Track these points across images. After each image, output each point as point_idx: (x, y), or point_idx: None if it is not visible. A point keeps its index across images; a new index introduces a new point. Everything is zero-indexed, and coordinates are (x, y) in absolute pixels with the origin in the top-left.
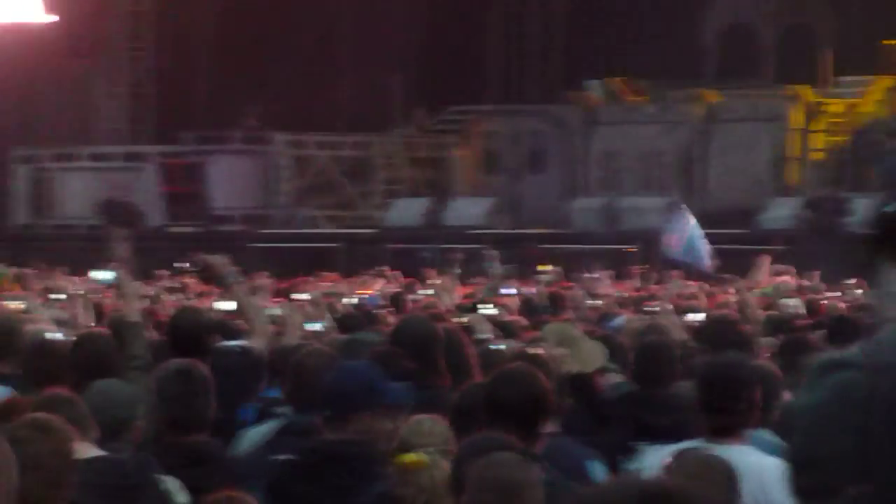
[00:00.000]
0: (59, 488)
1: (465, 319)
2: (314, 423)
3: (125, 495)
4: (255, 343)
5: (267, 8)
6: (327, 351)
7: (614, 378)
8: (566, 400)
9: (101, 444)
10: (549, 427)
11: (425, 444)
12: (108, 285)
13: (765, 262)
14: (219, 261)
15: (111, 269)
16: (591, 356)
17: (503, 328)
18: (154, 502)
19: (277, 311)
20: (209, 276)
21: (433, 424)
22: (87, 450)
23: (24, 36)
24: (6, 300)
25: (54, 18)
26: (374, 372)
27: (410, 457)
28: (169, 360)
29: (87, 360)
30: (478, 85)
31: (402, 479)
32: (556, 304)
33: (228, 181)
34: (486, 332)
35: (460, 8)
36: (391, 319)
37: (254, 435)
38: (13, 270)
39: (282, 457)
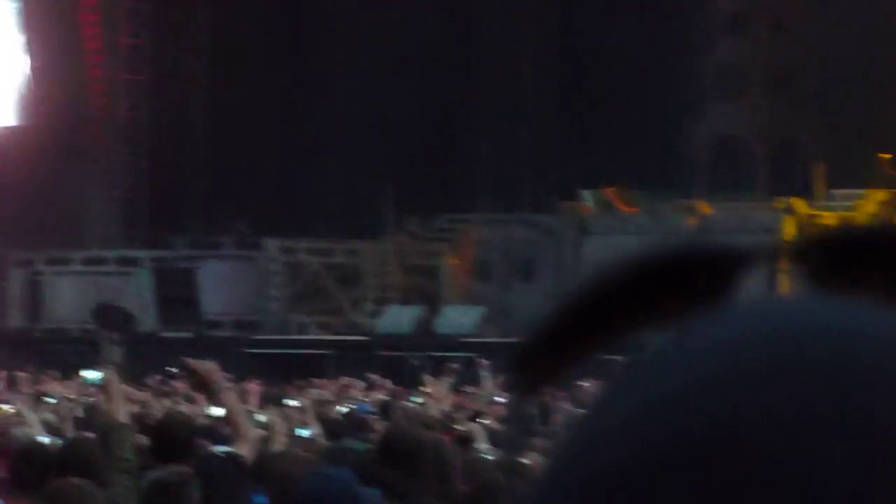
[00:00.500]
0: None
1: (462, 428)
2: None
3: None
4: (242, 449)
5: (259, 116)
6: (311, 458)
7: None
8: None
9: None
10: None
11: None
12: (97, 385)
13: None
14: (208, 366)
15: (100, 370)
16: None
17: (494, 437)
18: None
19: (264, 418)
20: (198, 382)
21: None
22: None
23: (20, 138)
24: None
25: (32, 121)
26: (349, 479)
27: None
28: (157, 469)
29: (75, 464)
30: (470, 193)
31: None
32: (544, 414)
33: (221, 286)
34: (483, 443)
35: (452, 117)
36: (379, 427)
37: None
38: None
39: None
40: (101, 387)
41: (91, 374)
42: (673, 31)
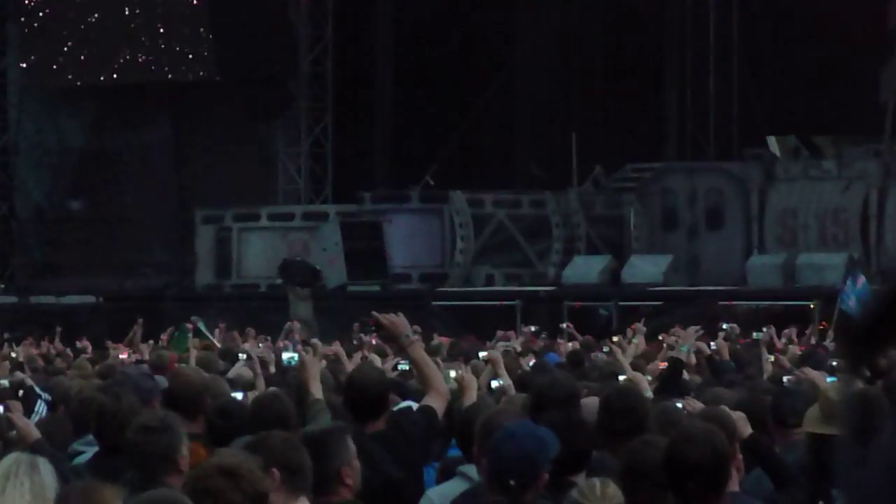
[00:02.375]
0: None
1: (622, 378)
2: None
3: None
4: (434, 402)
5: (444, 67)
6: (504, 410)
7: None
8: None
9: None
10: (732, 487)
11: None
12: (293, 365)
13: None
14: (396, 320)
15: (295, 352)
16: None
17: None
18: None
19: (454, 373)
20: (387, 336)
21: (604, 486)
22: None
23: (204, 95)
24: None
25: (232, 78)
26: (551, 437)
27: None
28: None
29: (268, 420)
30: (655, 142)
31: None
32: (738, 362)
33: (408, 240)
34: (647, 391)
35: (637, 66)
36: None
37: (437, 496)
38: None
39: None
40: (298, 368)
41: (287, 355)
42: None
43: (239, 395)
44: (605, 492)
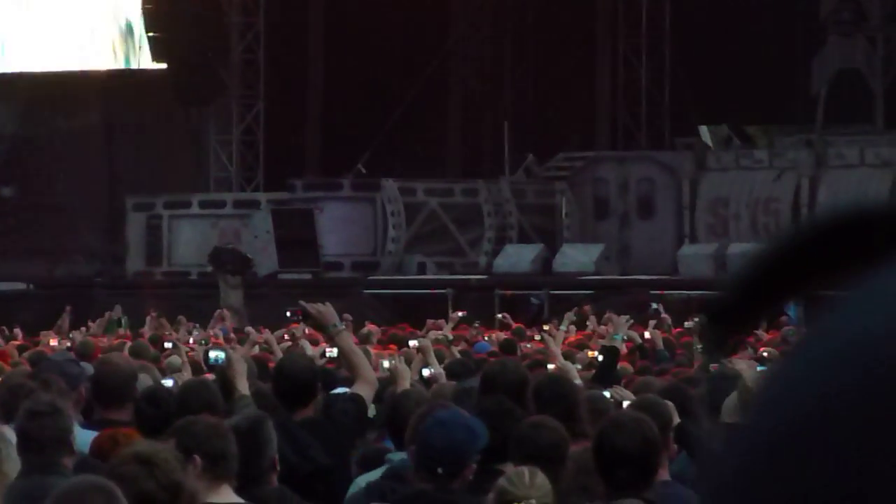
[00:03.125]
0: None
1: (552, 367)
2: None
3: None
4: (362, 391)
5: (377, 55)
6: (434, 399)
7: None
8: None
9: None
10: (662, 475)
11: (526, 496)
12: (219, 364)
13: None
14: (323, 309)
15: (221, 350)
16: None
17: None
18: None
19: (387, 362)
20: (315, 324)
21: (533, 475)
22: (223, 495)
23: (135, 82)
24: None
25: (163, 66)
26: (481, 427)
27: None
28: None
29: (194, 407)
30: (587, 131)
31: None
32: (671, 351)
33: (339, 227)
34: (576, 379)
35: (569, 55)
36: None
37: (365, 483)
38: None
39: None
40: (225, 366)
41: (214, 354)
42: None
43: (169, 382)
44: (534, 481)
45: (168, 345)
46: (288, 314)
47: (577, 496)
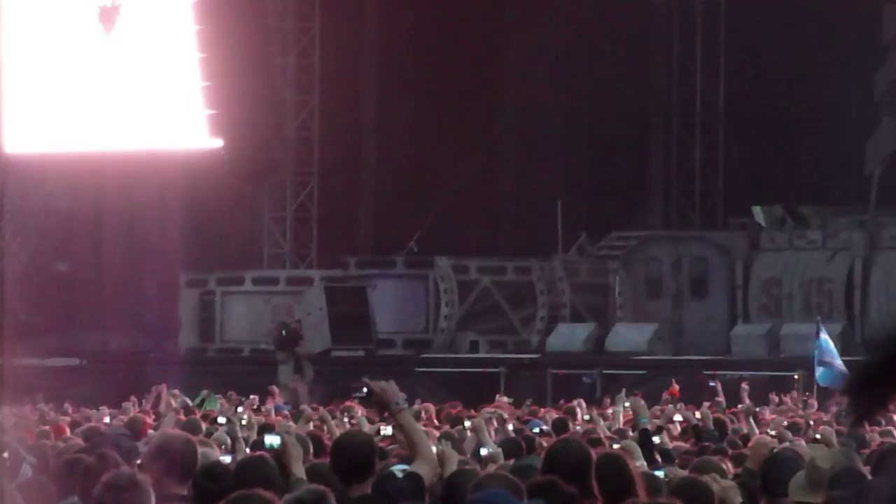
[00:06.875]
0: None
1: (617, 446)
2: None
3: None
4: (421, 469)
5: (430, 135)
6: (489, 477)
7: None
8: None
9: None
10: None
11: None
12: (275, 449)
13: None
14: (387, 387)
15: (277, 435)
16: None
17: (664, 454)
18: None
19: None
20: (376, 402)
21: None
22: None
23: (189, 160)
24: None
25: (219, 143)
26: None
27: None
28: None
29: (252, 481)
30: (640, 210)
31: None
32: (721, 430)
33: (392, 305)
34: (639, 459)
35: (623, 133)
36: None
37: None
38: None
39: None
40: (280, 451)
41: (269, 439)
42: (845, 48)
43: (227, 459)
44: None
45: (221, 419)
46: (353, 394)
47: None
